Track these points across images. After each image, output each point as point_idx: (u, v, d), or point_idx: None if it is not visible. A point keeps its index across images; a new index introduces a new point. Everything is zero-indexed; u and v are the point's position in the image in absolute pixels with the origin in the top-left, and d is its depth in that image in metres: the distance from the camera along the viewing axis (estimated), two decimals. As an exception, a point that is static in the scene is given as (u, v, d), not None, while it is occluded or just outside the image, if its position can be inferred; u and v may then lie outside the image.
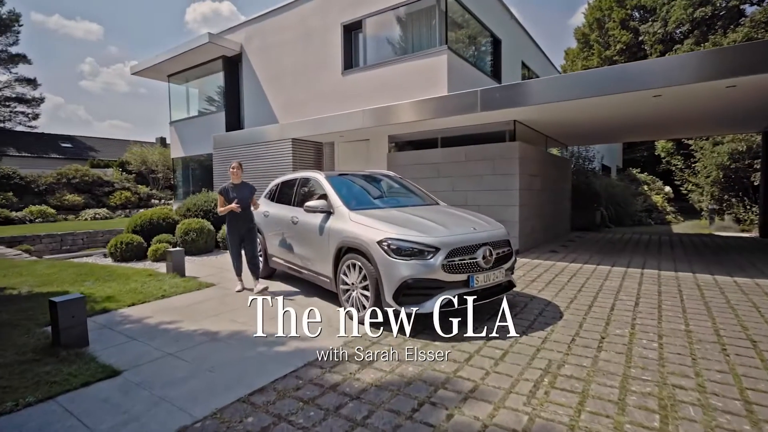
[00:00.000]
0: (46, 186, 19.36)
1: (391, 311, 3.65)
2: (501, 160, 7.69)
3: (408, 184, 5.58)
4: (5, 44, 31.19)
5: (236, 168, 5.31)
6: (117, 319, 4.32)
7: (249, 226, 5.32)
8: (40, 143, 28.13)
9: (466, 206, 8.02)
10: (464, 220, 4.24)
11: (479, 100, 6.92)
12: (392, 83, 9.35)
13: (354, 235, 4.01)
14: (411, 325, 3.57)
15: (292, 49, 11.16)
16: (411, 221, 4.00)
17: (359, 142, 10.06)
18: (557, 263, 6.79)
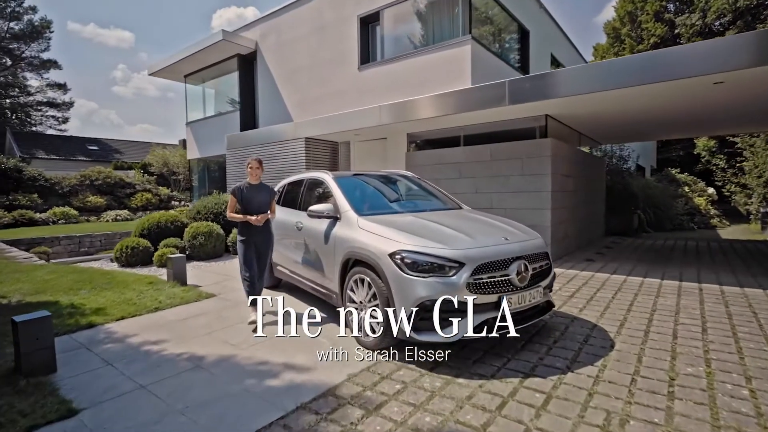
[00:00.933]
0: (70, 188, 19.61)
1: (405, 335, 3.03)
2: (531, 159, 6.96)
3: (427, 186, 4.96)
4: (37, 50, 32.24)
5: (255, 165, 4.26)
6: (100, 336, 3.87)
7: (266, 237, 4.32)
8: (69, 146, 28.82)
9: (491, 210, 7.32)
10: (493, 229, 3.58)
11: (507, 92, 6.23)
12: (411, 78, 8.74)
13: (362, 245, 3.42)
14: (428, 349, 2.95)
15: (307, 45, 10.71)
16: (430, 229, 3.38)
17: (376, 141, 9.49)
18: (596, 274, 6.01)
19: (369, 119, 7.94)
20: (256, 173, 4.28)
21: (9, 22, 31.15)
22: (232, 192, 4.26)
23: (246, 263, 4.24)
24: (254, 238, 4.22)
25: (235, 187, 4.29)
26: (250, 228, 4.19)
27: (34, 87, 32.77)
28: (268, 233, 4.35)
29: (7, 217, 15.18)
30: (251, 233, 4.20)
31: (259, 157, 4.38)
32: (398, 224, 3.49)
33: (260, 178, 4.36)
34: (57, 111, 33.92)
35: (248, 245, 4.24)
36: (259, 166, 4.30)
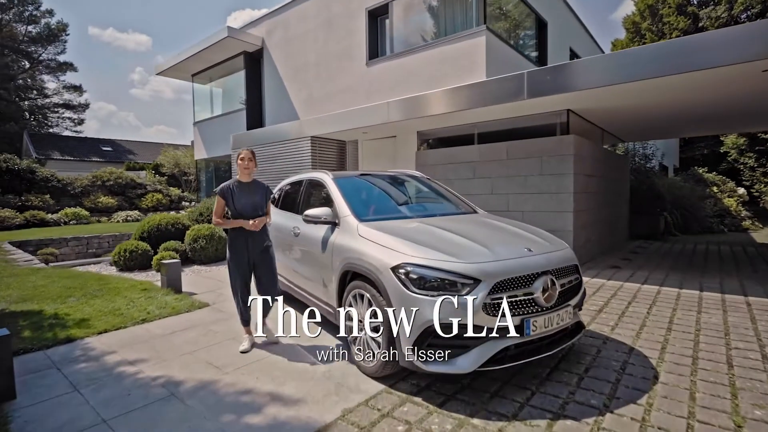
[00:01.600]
0: (82, 188, 19.66)
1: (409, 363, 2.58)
2: (551, 158, 6.42)
3: (438, 188, 4.49)
4: (54, 53, 32.71)
5: (246, 157, 3.50)
6: (76, 353, 3.52)
7: (263, 246, 3.55)
8: (83, 147, 29.11)
9: (508, 213, 6.81)
10: (514, 237, 3.10)
11: (526, 84, 5.72)
12: (422, 72, 8.27)
13: (361, 255, 2.97)
14: (437, 379, 2.50)
15: (314, 41, 10.33)
16: (440, 238, 2.92)
17: (385, 139, 9.05)
18: (625, 284, 5.46)
19: (377, 116, 7.50)
20: (249, 168, 3.50)
21: (27, 26, 31.69)
22: (219, 193, 3.45)
23: (238, 285, 3.47)
24: (250, 251, 3.47)
25: (223, 186, 3.48)
26: (244, 237, 3.44)
27: (51, 89, 33.27)
28: (265, 240, 3.58)
29: (19, 218, 15.19)
30: (246, 244, 3.45)
31: (252, 149, 3.62)
32: (403, 232, 3.04)
33: (253, 175, 3.60)
34: (73, 113, 34.40)
35: (240, 260, 3.45)
36: (251, 159, 3.50)
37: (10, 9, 30.83)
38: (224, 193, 3.48)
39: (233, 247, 3.49)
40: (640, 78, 4.83)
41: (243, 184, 3.55)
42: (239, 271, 3.49)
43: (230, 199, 3.46)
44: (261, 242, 3.55)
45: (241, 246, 3.48)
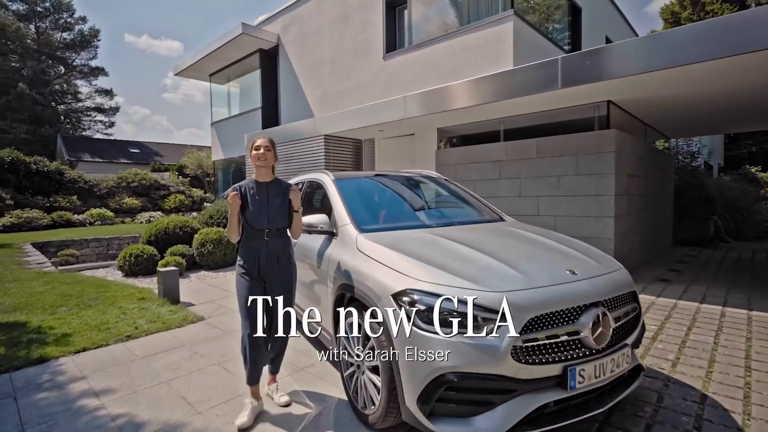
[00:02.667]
0: (107, 189, 19.99)
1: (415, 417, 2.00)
2: (589, 156, 5.67)
3: (458, 190, 3.88)
4: (86, 58, 33.79)
5: (263, 146, 2.53)
6: (43, 377, 3.12)
7: (285, 269, 2.60)
8: (112, 149, 29.86)
9: (538, 219, 6.09)
10: (553, 254, 2.46)
11: (560, 72, 5.01)
12: (443, 65, 7.64)
13: (357, 275, 2.42)
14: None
15: (329, 36, 9.86)
16: (457, 255, 2.32)
17: (402, 137, 8.46)
18: (680, 302, 4.67)
19: (393, 112, 6.93)
20: (267, 159, 2.52)
21: (62, 33, 32.87)
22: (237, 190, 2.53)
23: (247, 312, 2.46)
24: (264, 271, 2.53)
25: (238, 186, 2.56)
26: (257, 251, 2.52)
27: (84, 93, 34.38)
28: (286, 261, 2.59)
29: (46, 219, 15.45)
30: (259, 260, 2.52)
31: (270, 138, 2.65)
32: (412, 246, 2.45)
33: (274, 171, 2.66)
34: (104, 116, 35.45)
35: (253, 282, 2.51)
36: (269, 149, 2.54)
37: (46, 17, 32.04)
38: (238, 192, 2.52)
39: (242, 264, 2.55)
40: (698, 60, 4.06)
41: (259, 185, 2.55)
42: (250, 291, 2.49)
43: (246, 204, 2.52)
44: (280, 259, 2.56)
45: (250, 262, 2.53)
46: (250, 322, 2.46)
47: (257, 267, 2.54)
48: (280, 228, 2.58)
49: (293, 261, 2.69)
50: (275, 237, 2.55)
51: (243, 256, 2.57)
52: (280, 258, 2.58)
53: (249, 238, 2.56)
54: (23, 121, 28.32)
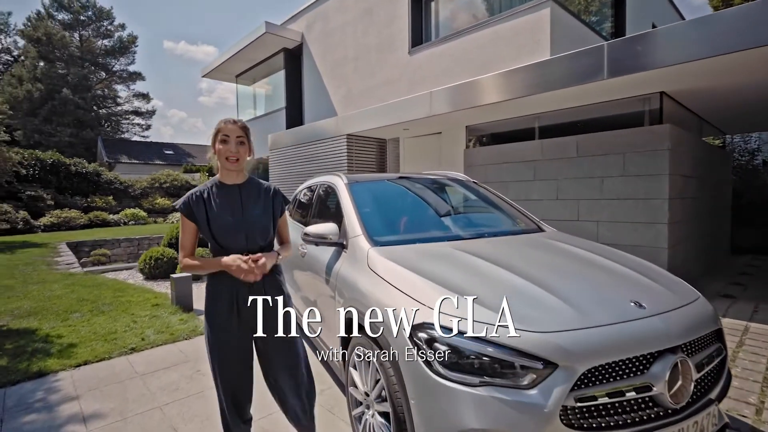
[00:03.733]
0: (141, 190, 20.58)
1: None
2: (638, 155, 5.05)
3: (489, 195, 3.42)
4: (125, 64, 35.15)
5: (235, 139, 1.83)
6: (36, 396, 2.91)
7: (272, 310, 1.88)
8: (148, 151, 30.88)
9: (579, 225, 5.51)
10: (610, 279, 1.97)
11: (606, 60, 4.44)
12: (472, 58, 7.15)
13: (366, 300, 2.03)
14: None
15: (353, 31, 9.53)
16: (490, 279, 1.88)
17: (429, 136, 8.01)
18: (752, 324, 4.00)
19: (417, 109, 6.51)
20: (239, 162, 1.86)
21: (103, 40, 34.34)
22: (181, 209, 1.82)
23: (221, 387, 1.86)
24: (243, 319, 1.84)
25: (189, 196, 1.84)
26: (231, 290, 1.83)
27: (123, 98, 35.78)
28: (279, 299, 1.91)
29: (83, 219, 15.98)
30: (233, 304, 1.83)
31: (241, 120, 1.90)
32: (433, 266, 2.03)
33: (245, 170, 1.97)
34: (141, 119, 36.78)
35: (224, 339, 1.83)
36: (243, 141, 1.85)
37: (89, 25, 33.57)
38: (189, 207, 1.81)
39: (211, 312, 1.85)
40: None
41: (226, 189, 1.88)
42: (222, 360, 1.83)
43: (203, 217, 1.81)
44: (268, 302, 1.86)
45: (223, 309, 1.82)
46: (225, 377, 1.83)
47: (234, 308, 1.82)
48: (263, 247, 1.88)
49: (286, 291, 1.98)
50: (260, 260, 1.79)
51: (211, 295, 1.84)
52: (268, 289, 1.88)
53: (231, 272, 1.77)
54: (67, 124, 29.73)
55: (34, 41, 29.96)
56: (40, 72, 29.27)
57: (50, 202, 16.17)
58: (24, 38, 30.63)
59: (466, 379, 1.50)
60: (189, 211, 1.81)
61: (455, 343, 1.55)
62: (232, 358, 1.85)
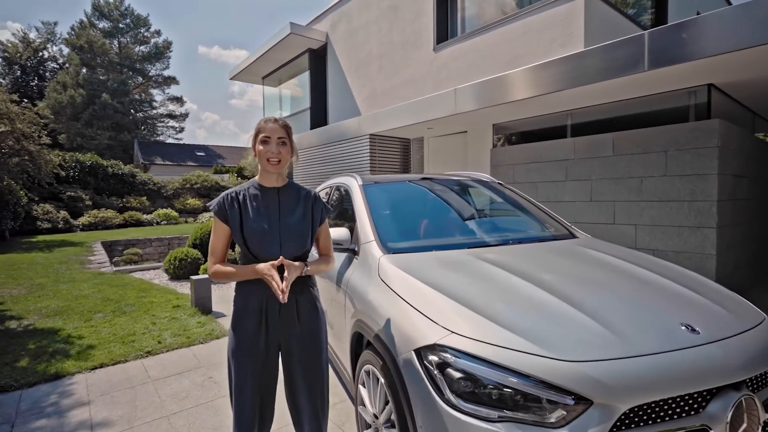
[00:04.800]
0: (173, 191, 21.20)
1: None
2: (682, 152, 4.63)
3: (515, 197, 3.17)
4: (160, 69, 36.49)
5: (276, 140, 1.68)
6: (49, 400, 2.90)
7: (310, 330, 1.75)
8: (181, 152, 31.91)
9: (614, 227, 5.13)
10: (655, 295, 1.70)
11: (647, 50, 4.08)
12: (500, 53, 6.84)
13: (374, 314, 1.85)
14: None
15: (378, 29, 9.38)
16: (514, 294, 1.66)
17: (454, 135, 7.75)
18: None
19: (441, 107, 6.28)
20: (280, 164, 1.70)
21: (140, 46, 35.77)
22: (215, 210, 1.70)
23: (240, 405, 1.69)
24: (274, 331, 1.70)
25: (225, 196, 1.72)
26: (260, 303, 1.69)
27: (158, 101, 37.15)
28: (312, 315, 1.76)
29: (119, 219, 16.61)
30: (266, 313, 1.69)
31: (282, 118, 1.75)
32: (450, 277, 1.83)
33: (284, 173, 1.82)
34: (175, 122, 38.06)
35: (249, 354, 1.68)
36: (284, 142, 1.70)
37: (127, 32, 35.06)
38: (223, 209, 1.67)
39: (237, 329, 1.70)
40: None
41: (264, 192, 1.74)
42: (245, 374, 1.67)
43: (236, 221, 1.67)
44: (300, 316, 1.73)
45: (251, 326, 1.68)
46: (246, 395, 1.67)
47: (263, 325, 1.68)
48: (299, 257, 1.73)
49: (320, 308, 1.80)
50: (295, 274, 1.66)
51: (239, 307, 1.71)
52: (300, 308, 1.73)
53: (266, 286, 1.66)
54: (106, 128, 31.13)
55: (77, 49, 31.56)
56: (82, 78, 30.79)
57: (88, 203, 16.88)
58: (68, 46, 32.33)
59: (483, 412, 1.30)
60: (222, 213, 1.68)
61: (471, 370, 1.34)
62: (255, 384, 1.69)
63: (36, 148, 12.69)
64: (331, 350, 2.72)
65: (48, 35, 34.14)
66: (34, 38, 33.29)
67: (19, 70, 32.72)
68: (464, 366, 1.36)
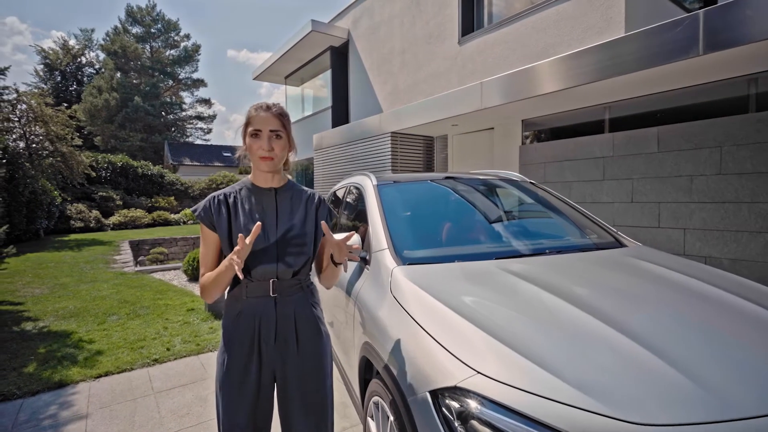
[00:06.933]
0: (200, 191, 21.58)
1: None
2: (741, 148, 4.11)
3: (550, 198, 2.80)
4: (190, 72, 37.40)
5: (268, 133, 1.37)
6: (49, 411, 2.76)
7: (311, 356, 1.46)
8: (209, 153, 32.56)
9: (660, 231, 4.64)
10: (748, 329, 1.32)
11: (702, 31, 3.61)
12: (530, 44, 6.41)
13: (384, 339, 1.55)
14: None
15: (400, 24, 9.08)
16: (558, 323, 1.33)
17: (480, 132, 7.36)
18: None
19: (467, 103, 5.91)
20: (274, 162, 1.40)
21: (171, 50, 36.78)
22: (200, 215, 1.42)
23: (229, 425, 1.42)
24: (269, 359, 1.42)
25: (211, 198, 1.44)
26: (254, 319, 1.41)
27: (188, 104, 38.09)
28: (313, 338, 1.48)
29: (147, 218, 16.98)
30: (259, 337, 1.41)
31: (277, 104, 1.44)
32: (475, 297, 1.51)
33: (280, 170, 1.49)
34: (204, 123, 38.94)
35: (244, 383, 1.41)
36: (280, 134, 1.39)
37: (158, 37, 36.11)
38: (209, 214, 1.41)
39: (227, 352, 1.43)
40: None
41: (259, 193, 1.48)
42: (234, 413, 1.42)
43: (224, 228, 1.41)
44: (300, 339, 1.45)
45: (241, 353, 1.41)
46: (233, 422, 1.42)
47: (256, 350, 1.41)
48: (299, 271, 1.45)
49: (324, 331, 1.53)
50: (291, 290, 1.44)
51: (228, 329, 1.43)
52: (300, 329, 1.45)
53: (239, 294, 1.43)
54: (138, 130, 32.14)
55: (112, 54, 32.74)
56: (116, 82, 31.90)
57: (119, 203, 17.34)
58: (103, 52, 33.60)
59: (520, 484, 0.98)
60: (208, 218, 1.41)
61: (503, 426, 1.03)
62: (246, 424, 1.42)
63: (68, 149, 13.10)
64: (340, 365, 2.45)
65: (86, 42, 35.61)
66: (73, 45, 34.80)
67: (60, 75, 34.25)
68: (493, 419, 1.05)
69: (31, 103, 12.22)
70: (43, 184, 12.24)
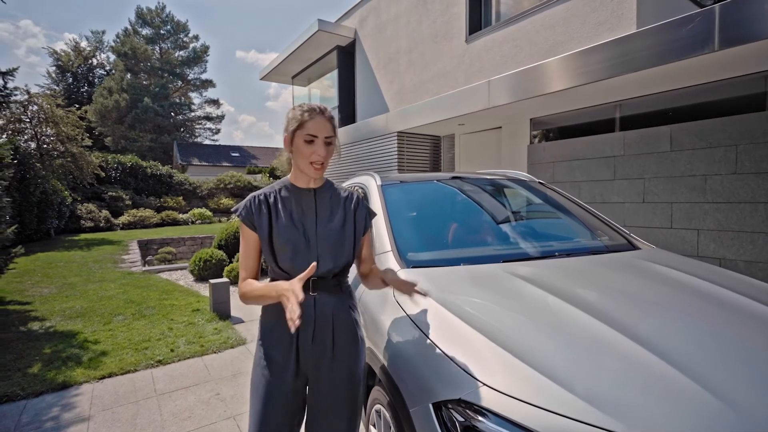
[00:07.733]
0: (208, 191, 21.72)
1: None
2: (757, 146, 3.99)
3: (560, 199, 2.72)
4: (198, 72, 37.67)
5: (323, 139, 1.32)
6: (51, 413, 2.75)
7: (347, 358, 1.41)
8: (217, 153, 32.79)
9: (672, 232, 4.53)
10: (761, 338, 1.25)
11: (718, 26, 3.50)
12: (539, 41, 6.30)
13: (386, 345, 1.49)
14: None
15: (407, 23, 9.01)
16: (569, 331, 1.26)
17: (487, 131, 7.27)
18: None
19: (474, 101, 5.83)
20: (322, 158, 1.33)
21: (180, 51, 37.08)
22: (241, 215, 1.39)
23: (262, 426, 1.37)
24: (306, 359, 1.39)
25: (251, 198, 1.41)
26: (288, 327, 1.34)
27: (196, 104, 38.38)
28: (351, 341, 1.43)
29: (156, 218, 17.12)
30: (298, 338, 1.38)
31: (327, 109, 1.37)
32: (482, 302, 1.45)
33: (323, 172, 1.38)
34: (212, 124, 39.20)
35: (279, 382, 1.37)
36: (330, 141, 1.34)
37: (168, 38, 36.43)
38: (251, 214, 1.38)
39: (266, 352, 1.41)
40: None
41: (298, 193, 1.43)
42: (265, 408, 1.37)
43: (265, 228, 1.37)
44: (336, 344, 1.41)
45: (281, 352, 1.39)
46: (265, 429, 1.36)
47: (294, 351, 1.38)
48: (339, 273, 1.42)
49: (362, 336, 1.48)
50: (330, 290, 1.40)
51: (266, 329, 1.43)
52: (337, 332, 1.40)
53: None
54: (148, 130, 32.45)
55: (122, 55, 33.09)
56: (126, 83, 32.23)
57: (128, 202, 17.49)
58: (114, 53, 33.98)
59: (528, 505, 0.92)
60: (249, 218, 1.38)
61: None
62: (276, 406, 1.37)
63: (78, 150, 13.24)
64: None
65: (96, 43, 36.04)
66: (84, 47, 35.25)
67: (71, 77, 34.71)
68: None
69: (42, 104, 12.37)
70: (53, 185, 12.38)
